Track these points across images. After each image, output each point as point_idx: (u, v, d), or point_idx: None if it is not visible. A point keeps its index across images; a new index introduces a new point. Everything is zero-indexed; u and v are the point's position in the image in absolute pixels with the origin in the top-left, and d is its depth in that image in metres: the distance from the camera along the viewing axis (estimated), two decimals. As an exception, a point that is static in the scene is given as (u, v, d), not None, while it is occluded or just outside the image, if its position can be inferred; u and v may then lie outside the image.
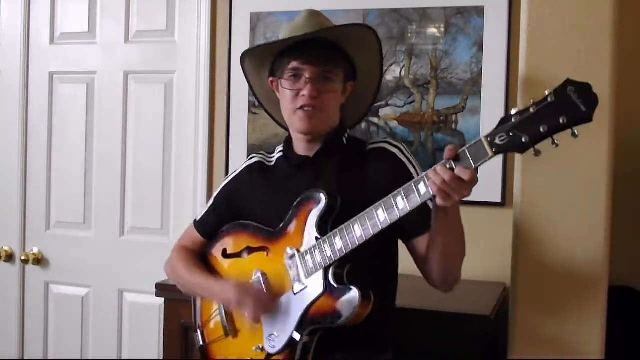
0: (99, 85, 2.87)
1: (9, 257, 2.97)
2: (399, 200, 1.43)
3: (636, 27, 2.28)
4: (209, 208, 1.85)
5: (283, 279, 1.62)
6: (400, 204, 1.43)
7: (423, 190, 1.40)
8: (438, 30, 2.41)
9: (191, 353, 2.16)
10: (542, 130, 1.26)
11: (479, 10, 2.35)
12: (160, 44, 2.78)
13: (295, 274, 1.59)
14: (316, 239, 1.56)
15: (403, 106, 2.45)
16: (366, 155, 1.70)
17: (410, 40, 2.43)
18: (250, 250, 1.72)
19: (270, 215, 1.70)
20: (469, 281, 1.64)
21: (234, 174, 1.84)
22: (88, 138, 2.88)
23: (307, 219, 1.59)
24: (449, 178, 1.35)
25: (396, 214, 1.44)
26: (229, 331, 1.72)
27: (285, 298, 1.61)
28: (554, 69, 1.72)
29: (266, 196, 1.74)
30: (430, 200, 1.42)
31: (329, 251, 1.53)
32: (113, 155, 2.84)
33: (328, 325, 1.54)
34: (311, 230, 1.58)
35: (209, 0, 2.68)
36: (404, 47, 2.43)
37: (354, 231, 1.49)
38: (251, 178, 1.79)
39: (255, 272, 1.67)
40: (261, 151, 1.87)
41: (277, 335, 1.60)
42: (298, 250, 1.60)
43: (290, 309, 1.59)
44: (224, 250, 1.78)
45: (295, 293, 1.59)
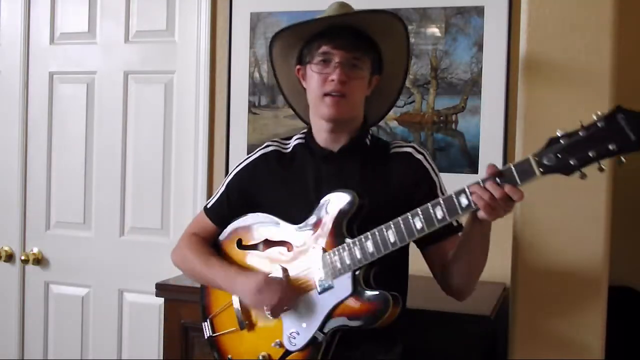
0: (99, 85, 2.87)
1: (9, 257, 2.97)
2: (438, 210, 1.43)
3: (636, 27, 2.28)
4: (221, 194, 1.80)
5: (306, 276, 1.60)
6: (439, 214, 1.43)
7: (465, 202, 1.41)
8: (438, 30, 2.41)
9: (191, 353, 2.15)
10: (591, 155, 1.27)
11: (479, 10, 2.35)
12: (160, 44, 2.78)
13: (321, 274, 1.58)
14: (345, 241, 1.56)
15: (403, 106, 2.45)
16: (390, 157, 1.69)
17: (410, 40, 2.42)
18: (268, 243, 1.70)
19: (289, 208, 1.68)
20: (469, 281, 1.65)
21: (248, 161, 1.79)
22: (88, 138, 2.88)
23: (336, 219, 1.58)
24: (499, 195, 1.36)
25: (434, 224, 1.45)
26: (245, 325, 1.69)
27: (308, 296, 1.60)
28: (554, 69, 1.72)
29: (285, 187, 1.72)
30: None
31: (359, 254, 1.53)
32: (113, 155, 2.84)
33: (356, 327, 1.54)
34: (340, 230, 1.57)
35: (209, 0, 2.68)
36: (404, 47, 2.43)
37: (388, 237, 1.49)
38: (268, 167, 1.75)
39: (276, 268, 1.64)
40: (275, 139, 1.83)
41: (299, 333, 1.59)
42: (324, 250, 1.58)
43: (313, 308, 1.58)
44: (239, 240, 1.74)
45: (319, 292, 1.58)
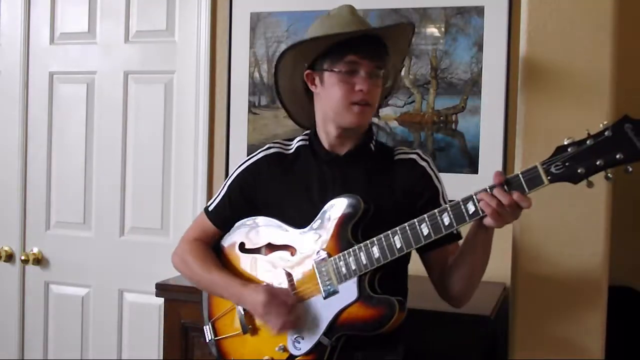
0: (99, 85, 2.86)
1: (9, 257, 2.97)
2: (445, 217, 1.44)
3: (636, 27, 2.28)
4: (222, 197, 1.78)
5: (311, 281, 1.60)
6: (447, 221, 1.44)
7: (472, 209, 1.42)
8: (438, 30, 2.41)
9: (191, 353, 2.15)
10: (599, 164, 1.29)
11: (479, 10, 2.35)
12: (160, 44, 2.77)
13: (325, 279, 1.58)
14: (351, 245, 1.55)
15: (403, 106, 2.45)
16: (395, 163, 1.69)
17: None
18: (271, 247, 1.69)
19: (293, 211, 1.67)
20: (469, 281, 1.65)
21: (249, 162, 1.77)
22: (88, 138, 2.88)
23: (341, 223, 1.58)
24: (508, 202, 1.37)
25: (441, 230, 1.45)
26: (248, 329, 1.68)
27: (312, 301, 1.60)
28: (553, 70, 1.72)
29: (288, 189, 1.71)
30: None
31: (364, 259, 1.53)
32: (113, 155, 2.84)
33: (362, 332, 1.54)
34: (345, 235, 1.57)
35: (209, 0, 2.68)
36: (404, 47, 2.43)
37: (394, 242, 1.50)
38: (270, 168, 1.74)
39: (280, 272, 1.65)
40: (277, 140, 1.82)
41: (304, 338, 1.59)
42: (329, 254, 1.58)
43: (318, 313, 1.58)
44: (242, 244, 1.73)
45: (324, 297, 1.58)
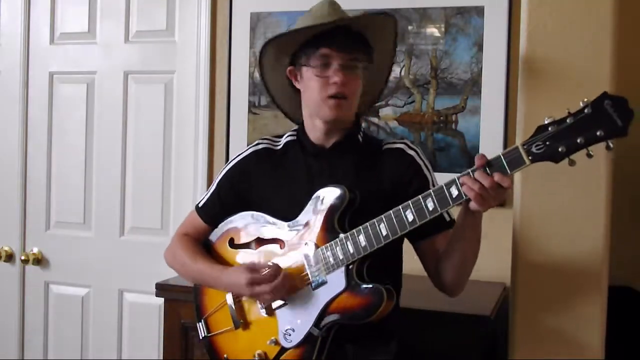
0: (99, 85, 2.86)
1: (9, 257, 2.97)
2: (429, 201, 1.44)
3: (636, 27, 2.28)
4: (212, 193, 1.80)
5: (299, 273, 1.61)
6: (430, 206, 1.44)
7: (455, 193, 1.42)
8: (438, 30, 2.41)
9: (191, 353, 2.15)
10: (579, 141, 1.28)
11: (479, 10, 2.35)
12: (160, 44, 2.78)
13: (314, 270, 1.58)
14: (338, 235, 1.56)
15: (403, 106, 2.45)
16: (383, 153, 1.69)
17: (410, 40, 2.43)
18: (260, 241, 1.70)
19: (281, 205, 1.68)
20: (469, 281, 1.64)
21: (239, 158, 1.79)
22: (88, 138, 2.88)
23: (327, 214, 1.58)
24: (489, 184, 1.37)
25: (426, 215, 1.45)
26: (239, 323, 1.69)
27: (302, 293, 1.60)
28: (554, 69, 1.72)
29: (276, 183, 1.72)
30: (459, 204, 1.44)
31: (351, 248, 1.53)
32: (113, 155, 2.84)
33: (351, 321, 1.54)
34: (331, 225, 1.57)
35: (209, 0, 2.68)
36: (404, 47, 2.43)
37: (380, 230, 1.50)
38: (259, 164, 1.75)
39: (269, 266, 1.65)
40: (266, 136, 1.83)
41: (294, 329, 1.60)
42: (317, 245, 1.59)
43: (308, 304, 1.58)
44: (231, 239, 1.74)
45: (313, 288, 1.58)
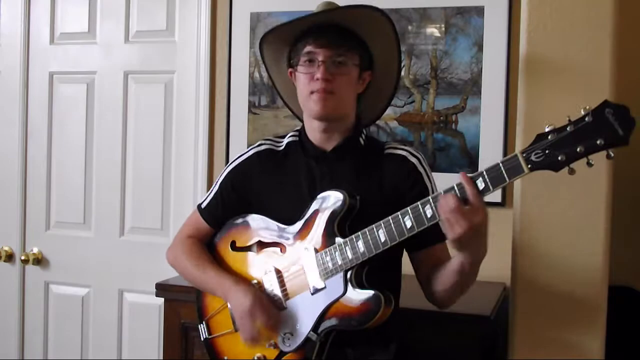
0: (99, 85, 2.87)
1: (9, 257, 2.97)
2: (428, 208, 1.43)
3: (636, 27, 2.28)
4: (214, 194, 1.79)
5: (299, 278, 1.61)
6: (429, 213, 1.43)
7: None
8: (438, 30, 2.41)
9: (191, 353, 2.15)
10: (579, 150, 1.27)
11: (479, 10, 2.35)
12: (160, 44, 2.78)
13: (313, 274, 1.58)
14: (337, 241, 1.56)
15: (403, 106, 2.45)
16: (384, 158, 1.69)
17: (410, 40, 2.43)
18: (261, 245, 1.70)
19: (282, 207, 1.68)
20: (469, 281, 1.65)
21: (241, 159, 1.79)
22: (88, 138, 2.88)
23: (327, 219, 1.58)
24: (450, 207, 1.36)
25: (424, 222, 1.44)
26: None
27: (300, 297, 1.60)
28: (554, 69, 1.72)
29: (278, 185, 1.71)
30: None
31: (350, 254, 1.53)
32: (113, 155, 2.84)
33: (348, 327, 1.54)
34: (331, 230, 1.57)
35: (208, 0, 2.68)
36: (404, 47, 2.42)
37: (379, 236, 1.49)
38: (261, 165, 1.75)
39: (269, 270, 1.65)
40: (269, 137, 1.83)
41: (293, 334, 1.60)
42: (316, 250, 1.59)
43: (306, 309, 1.58)
44: (233, 242, 1.74)
45: (312, 293, 1.58)
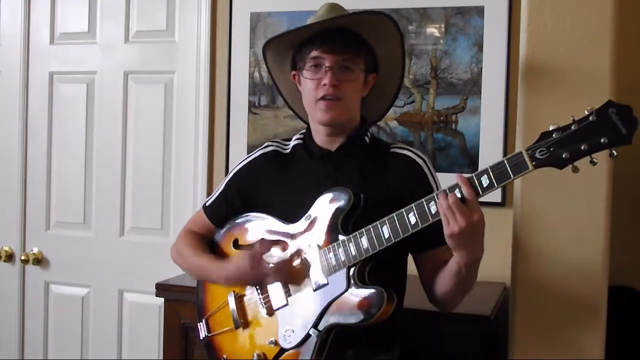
0: (99, 85, 2.86)
1: (9, 257, 2.97)
2: (432, 205, 1.44)
3: (636, 26, 2.28)
4: (219, 193, 1.82)
5: (301, 274, 1.61)
6: (433, 209, 1.43)
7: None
8: (438, 30, 2.41)
9: (191, 353, 2.16)
10: (583, 148, 1.28)
11: (479, 10, 2.35)
12: (160, 44, 2.78)
13: (315, 271, 1.58)
14: (340, 238, 1.56)
15: (403, 106, 2.45)
16: (389, 158, 1.69)
17: (410, 40, 2.43)
18: (264, 242, 1.70)
19: (287, 207, 1.68)
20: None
21: (247, 161, 1.81)
22: (88, 138, 2.88)
23: (331, 216, 1.58)
24: (448, 204, 1.38)
25: (428, 219, 1.44)
26: (240, 323, 1.69)
27: (303, 294, 1.60)
28: (554, 69, 1.72)
29: (283, 186, 1.72)
30: None
31: (353, 250, 1.53)
32: (113, 155, 2.84)
33: (350, 324, 1.53)
34: (335, 227, 1.57)
35: (208, 0, 2.68)
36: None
37: (382, 233, 1.49)
38: (267, 167, 1.76)
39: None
40: (276, 139, 1.84)
41: (294, 330, 1.59)
42: (319, 247, 1.59)
43: (308, 305, 1.58)
44: (235, 240, 1.75)
45: (314, 289, 1.58)
